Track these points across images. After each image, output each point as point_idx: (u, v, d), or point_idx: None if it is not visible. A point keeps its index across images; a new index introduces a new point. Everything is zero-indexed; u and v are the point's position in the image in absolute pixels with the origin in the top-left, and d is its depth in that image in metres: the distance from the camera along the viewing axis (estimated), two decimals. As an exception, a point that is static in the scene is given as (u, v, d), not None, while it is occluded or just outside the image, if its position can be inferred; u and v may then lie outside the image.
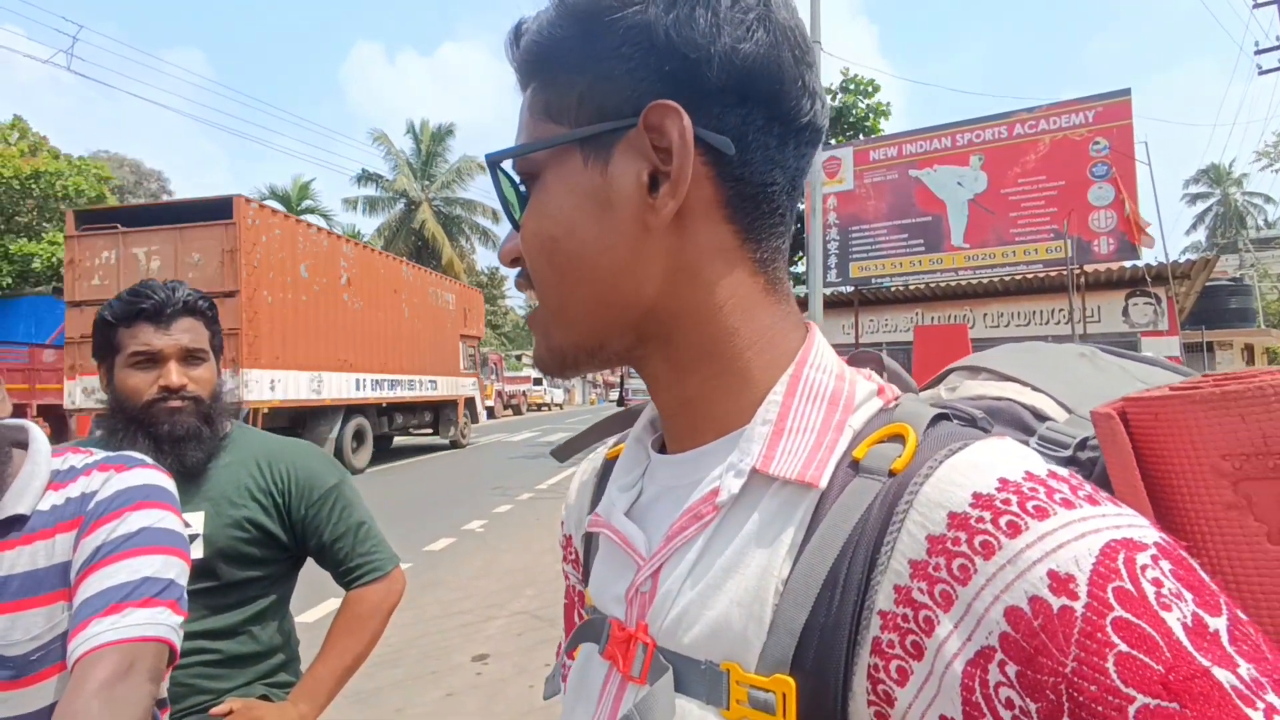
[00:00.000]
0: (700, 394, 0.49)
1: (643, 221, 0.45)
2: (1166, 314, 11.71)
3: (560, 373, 0.52)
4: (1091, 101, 11.98)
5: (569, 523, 0.69)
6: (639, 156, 0.45)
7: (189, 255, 9.91)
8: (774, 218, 0.48)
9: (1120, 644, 0.31)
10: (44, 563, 0.94)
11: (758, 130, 0.45)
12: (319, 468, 1.51)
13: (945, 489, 0.38)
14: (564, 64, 0.47)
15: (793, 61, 0.45)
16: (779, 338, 0.49)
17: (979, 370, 0.66)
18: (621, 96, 0.45)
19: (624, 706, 0.48)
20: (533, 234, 0.48)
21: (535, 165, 0.48)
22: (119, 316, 1.34)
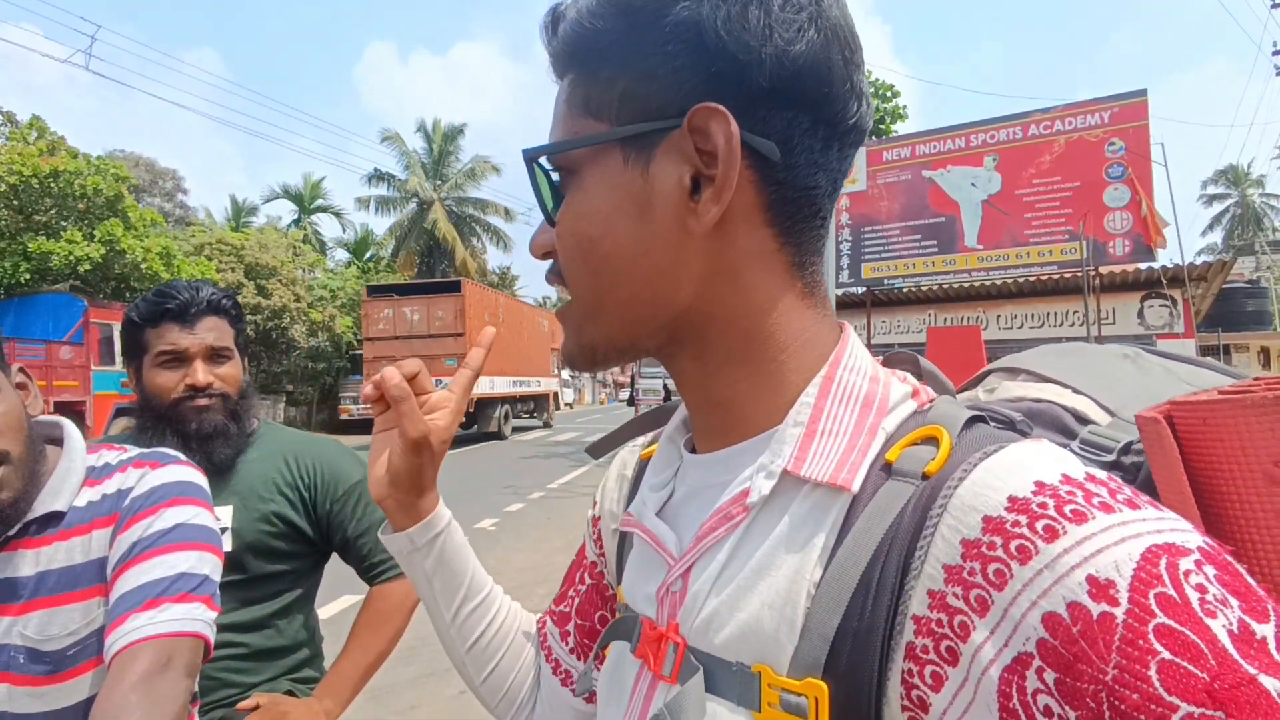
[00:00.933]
0: (731, 395, 0.49)
1: (683, 225, 0.45)
2: (1182, 316, 11.60)
3: (590, 368, 0.52)
4: (1107, 102, 11.88)
5: (602, 511, 0.69)
6: (682, 159, 0.44)
7: (436, 312, 17.37)
8: (815, 220, 0.47)
9: (1163, 651, 0.30)
10: (80, 559, 0.95)
11: (803, 133, 0.44)
12: (344, 464, 1.52)
13: (980, 492, 0.37)
14: (606, 58, 0.45)
15: (842, 63, 0.44)
16: (813, 340, 0.48)
17: (1018, 371, 0.65)
18: (666, 96, 0.44)
19: (655, 705, 0.49)
20: (569, 232, 0.48)
21: (573, 162, 0.47)
22: (145, 317, 1.36)
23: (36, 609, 0.92)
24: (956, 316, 13.08)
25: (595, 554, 0.71)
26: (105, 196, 14.56)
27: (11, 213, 13.94)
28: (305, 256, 22.88)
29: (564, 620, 0.72)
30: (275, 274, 19.81)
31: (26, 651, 0.91)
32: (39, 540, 0.95)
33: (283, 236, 23.42)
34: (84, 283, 14.46)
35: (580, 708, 0.70)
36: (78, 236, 14.11)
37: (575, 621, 0.71)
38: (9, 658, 0.91)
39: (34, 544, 0.94)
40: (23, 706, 0.91)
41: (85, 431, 8.77)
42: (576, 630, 0.71)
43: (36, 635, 0.91)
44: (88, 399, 12.65)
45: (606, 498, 0.69)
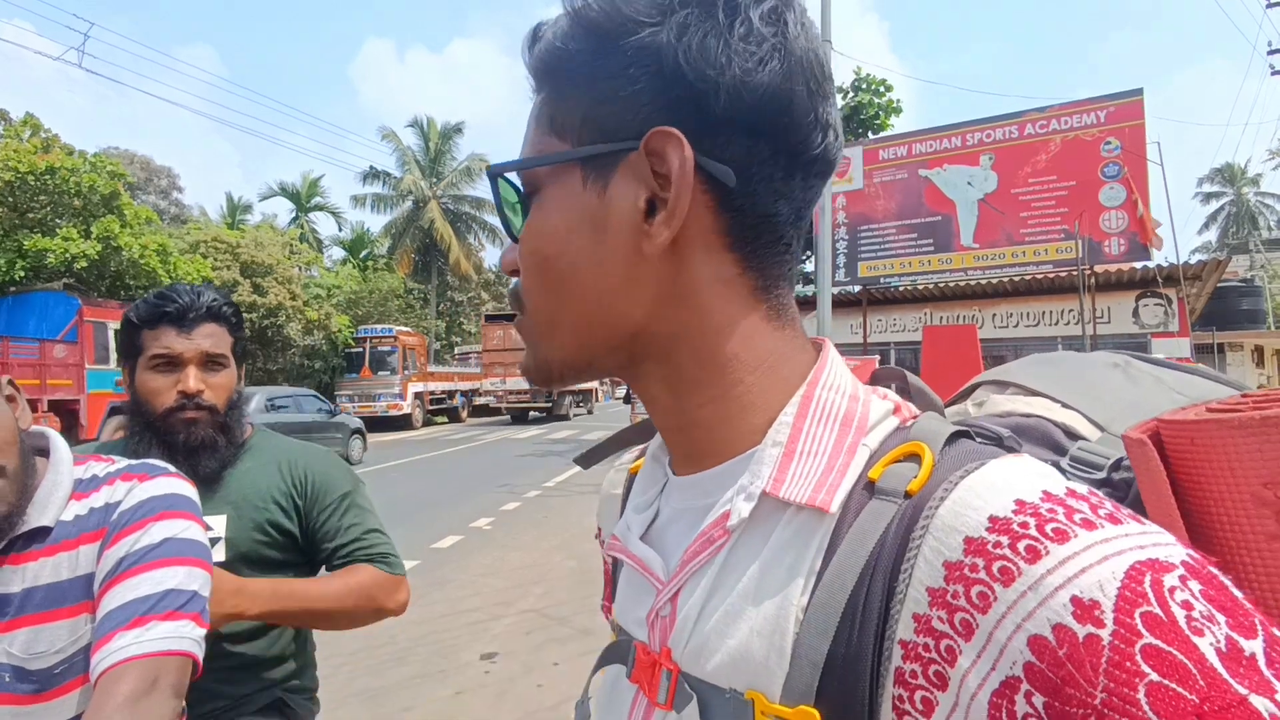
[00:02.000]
0: (698, 418, 0.49)
1: (636, 246, 0.44)
2: (1177, 315, 11.64)
3: (546, 384, 0.52)
4: (1103, 101, 11.92)
5: (604, 528, 0.69)
6: (638, 181, 0.44)
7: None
8: (777, 247, 0.47)
9: (1151, 673, 0.30)
10: (67, 574, 0.93)
11: (763, 162, 0.44)
12: (336, 474, 1.51)
13: (960, 512, 0.37)
14: (572, 78, 0.46)
15: (806, 95, 0.44)
16: (782, 362, 0.48)
17: (1006, 384, 0.65)
18: (625, 118, 0.44)
19: None
20: (529, 248, 0.48)
21: (537, 180, 0.48)
22: (143, 318, 1.34)
23: (22, 626, 0.90)
24: (952, 315, 13.11)
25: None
26: (101, 194, 14.50)
27: (6, 210, 13.89)
28: (302, 255, 22.83)
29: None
30: (271, 272, 19.76)
31: (12, 670, 0.89)
32: (25, 556, 0.93)
33: (279, 234, 23.35)
34: (80, 280, 14.40)
35: None
36: (74, 234, 14.05)
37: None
38: None
39: (20, 560, 0.92)
40: None
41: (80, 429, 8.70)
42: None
43: (22, 653, 0.90)
44: (82, 398, 12.61)
45: (604, 518, 0.68)
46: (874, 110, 19.40)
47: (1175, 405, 0.52)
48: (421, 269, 32.09)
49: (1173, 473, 0.43)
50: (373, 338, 22.56)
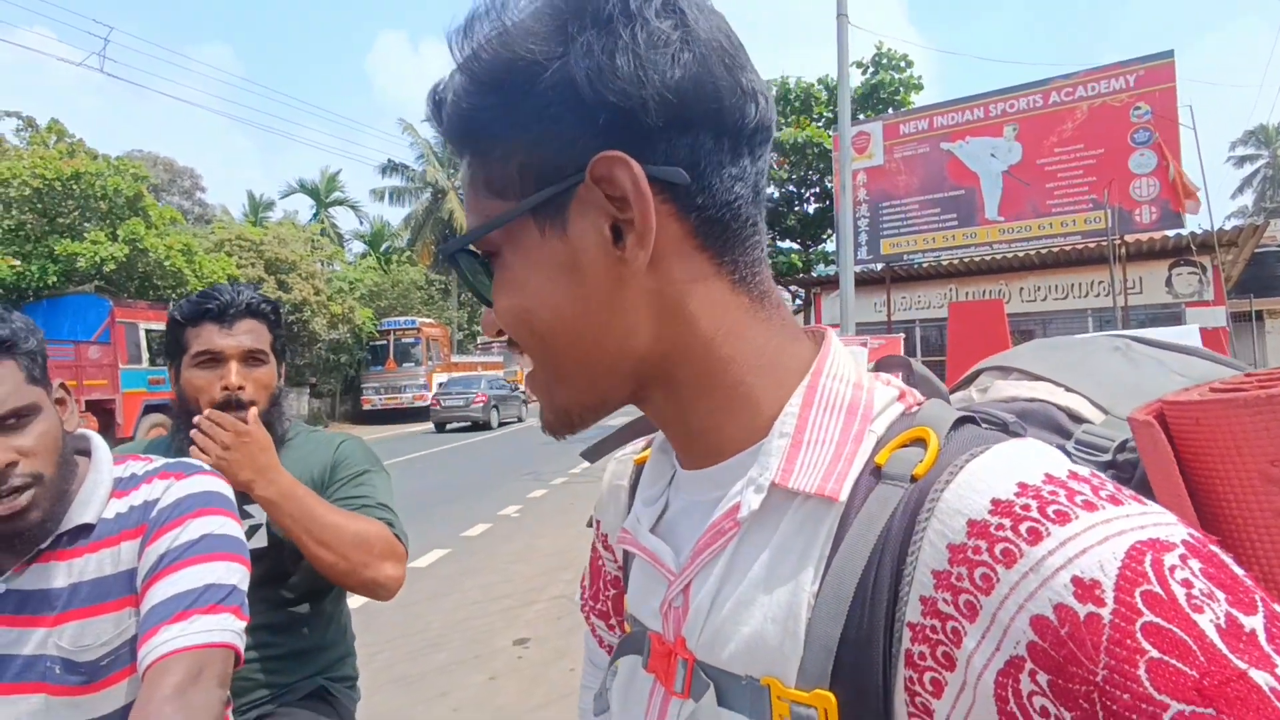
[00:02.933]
0: (708, 424, 0.49)
1: (615, 275, 0.44)
2: (1212, 283, 11.36)
3: (569, 431, 0.51)
4: (1132, 65, 11.60)
5: (604, 520, 0.70)
6: (596, 211, 0.43)
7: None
8: (745, 230, 0.47)
9: (1151, 650, 0.30)
10: (110, 570, 0.97)
11: (708, 152, 0.43)
12: (358, 456, 1.53)
13: (964, 496, 0.37)
14: (492, 136, 0.45)
15: (725, 71, 0.43)
16: (780, 354, 0.48)
17: (1010, 370, 0.65)
18: (563, 157, 0.43)
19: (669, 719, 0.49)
20: (506, 310, 0.47)
21: (493, 244, 0.47)
22: (186, 316, 1.38)
23: (70, 620, 0.94)
24: (978, 290, 12.92)
25: (615, 569, 0.71)
26: (126, 196, 14.77)
27: (36, 216, 14.20)
28: (324, 250, 23.08)
29: (606, 616, 0.74)
30: (295, 268, 20.02)
31: (62, 662, 0.93)
32: (70, 552, 0.97)
33: (301, 231, 23.64)
34: (109, 282, 14.70)
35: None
36: (101, 237, 14.33)
37: (615, 618, 0.73)
38: (45, 668, 0.93)
39: (65, 556, 0.96)
40: (60, 716, 0.93)
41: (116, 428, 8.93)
42: (620, 625, 0.72)
43: (71, 646, 0.93)
44: (117, 397, 12.90)
45: (604, 510, 0.69)
46: (894, 86, 19.07)
47: (1178, 387, 0.52)
48: (442, 261, 32.24)
49: (1178, 453, 0.43)
50: (396, 330, 22.82)
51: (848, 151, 10.15)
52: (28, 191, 13.72)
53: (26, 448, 0.92)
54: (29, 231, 14.10)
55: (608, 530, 0.69)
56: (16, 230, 13.98)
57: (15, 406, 0.91)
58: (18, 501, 0.91)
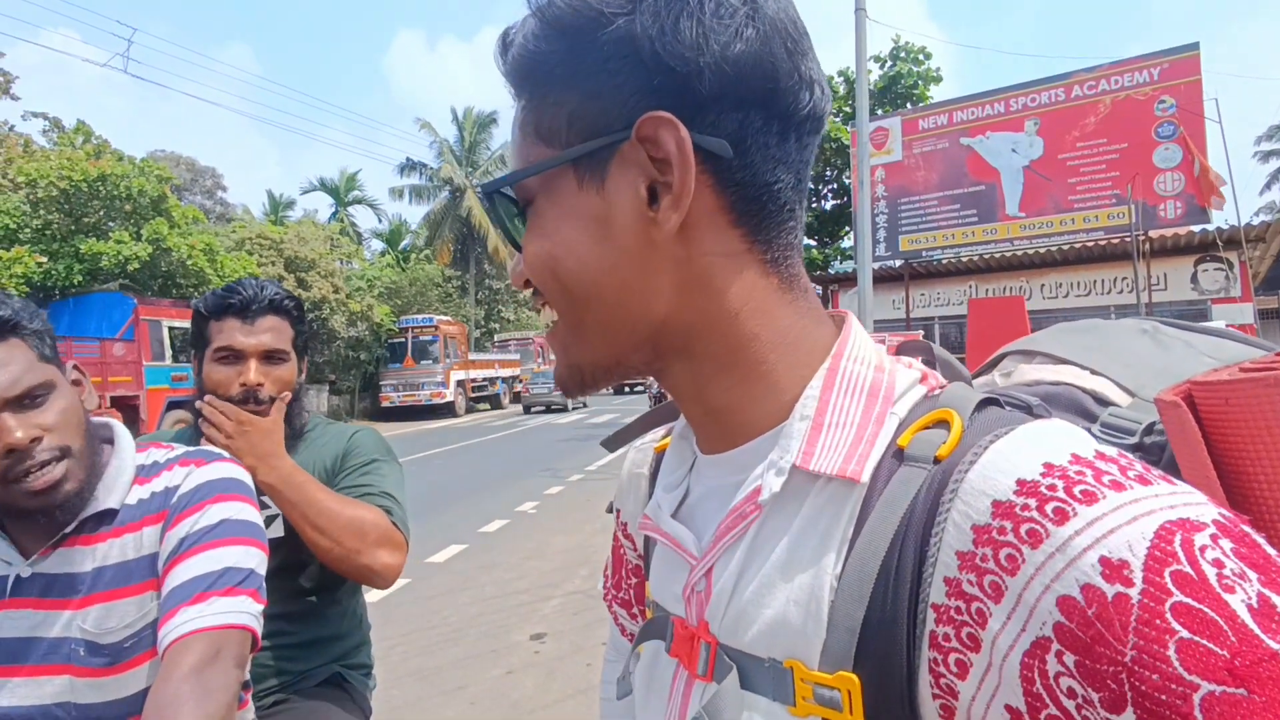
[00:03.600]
0: (725, 403, 0.49)
1: (646, 236, 0.44)
2: (1239, 279, 11.15)
3: (580, 390, 0.51)
4: (1156, 58, 11.40)
5: (624, 509, 0.70)
6: (636, 170, 0.44)
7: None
8: (782, 215, 0.46)
9: (1181, 630, 0.30)
10: (133, 554, 0.99)
11: (756, 131, 0.44)
12: (369, 445, 1.54)
13: (988, 476, 0.37)
14: (550, 81, 0.45)
15: (786, 55, 0.44)
16: (802, 336, 0.48)
17: (1034, 354, 0.64)
18: (612, 112, 0.43)
19: (692, 704, 0.49)
20: (534, 255, 0.47)
21: (531, 190, 0.47)
22: (210, 310, 1.40)
23: (94, 603, 0.96)
24: (999, 287, 12.78)
25: (635, 558, 0.71)
26: (150, 197, 14.97)
27: (63, 216, 14.43)
28: (343, 248, 23.28)
29: (629, 604, 0.74)
30: (314, 266, 20.21)
31: (86, 644, 0.95)
32: (94, 537, 0.99)
33: (320, 229, 23.84)
34: (133, 281, 14.93)
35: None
36: (125, 237, 14.54)
37: (637, 607, 0.73)
38: (70, 650, 0.95)
39: (90, 541, 0.99)
40: (84, 697, 0.95)
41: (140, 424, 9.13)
42: (642, 613, 0.72)
43: (95, 629, 0.95)
44: (141, 393, 13.11)
45: (624, 498, 0.69)
46: (912, 80, 18.90)
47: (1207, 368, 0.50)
48: (460, 258, 32.46)
49: (1207, 434, 0.43)
50: (414, 327, 22.96)
51: (865, 147, 10.06)
52: (55, 192, 13.95)
53: (49, 423, 0.94)
54: (56, 231, 14.34)
55: (628, 518, 0.70)
56: (44, 230, 14.23)
57: (30, 384, 0.93)
58: (52, 473, 0.93)
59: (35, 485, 0.92)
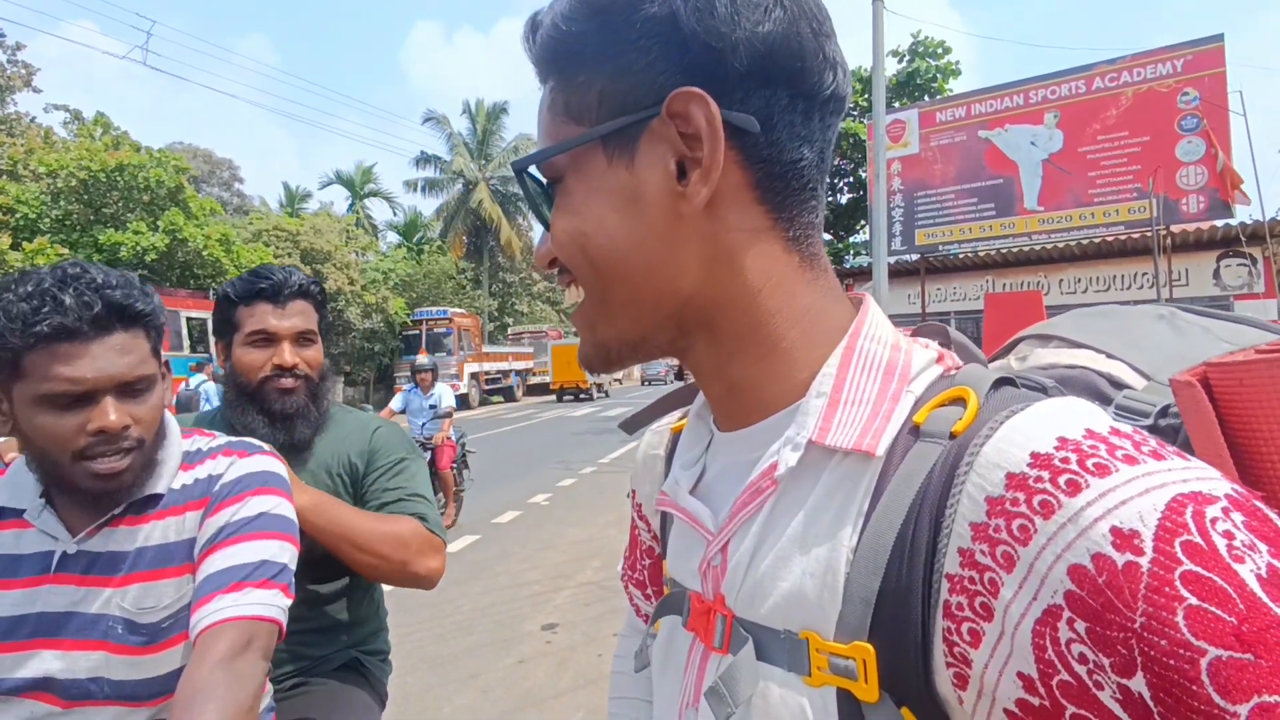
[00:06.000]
0: (746, 379, 0.49)
1: (674, 211, 0.45)
2: (1262, 275, 10.97)
3: (605, 368, 0.52)
4: (1180, 49, 11.20)
5: (639, 490, 0.71)
6: (665, 146, 0.45)
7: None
8: (804, 193, 0.48)
9: (1190, 597, 0.30)
10: (174, 537, 1.02)
11: (783, 109, 0.45)
12: (395, 443, 1.56)
13: (1003, 449, 0.38)
14: (582, 60, 0.47)
15: (811, 35, 0.45)
16: (822, 314, 0.49)
17: (1050, 338, 0.64)
18: (643, 89, 0.45)
19: (708, 675, 0.50)
20: (562, 232, 0.48)
21: (559, 168, 0.48)
22: (240, 295, 1.42)
23: (135, 583, 0.99)
24: (1016, 282, 12.65)
25: (650, 539, 0.72)
26: (167, 188, 15.13)
27: (82, 206, 14.61)
28: (358, 240, 23.40)
29: (643, 585, 0.76)
30: (330, 258, 20.34)
31: (124, 622, 0.97)
32: (139, 519, 1.02)
33: (336, 221, 23.97)
34: (150, 271, 15.07)
35: None
36: (143, 227, 14.71)
37: (651, 588, 0.75)
38: (108, 627, 0.97)
39: (134, 522, 1.01)
40: (119, 674, 0.97)
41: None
42: (656, 594, 0.74)
43: (134, 608, 0.98)
44: (160, 383, 13.24)
45: (640, 480, 0.70)
46: (931, 74, 18.70)
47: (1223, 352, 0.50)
48: (473, 250, 32.55)
49: (1221, 415, 0.43)
50: (428, 319, 23.06)
51: (882, 140, 9.97)
52: (74, 183, 14.13)
53: (140, 415, 0.98)
54: (75, 221, 14.52)
55: (643, 500, 0.71)
56: (63, 220, 14.41)
57: (142, 374, 0.97)
58: (121, 463, 0.96)
59: (102, 469, 0.94)
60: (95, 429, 0.92)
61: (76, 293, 0.92)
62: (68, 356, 0.90)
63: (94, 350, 0.92)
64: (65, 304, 0.90)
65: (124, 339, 0.95)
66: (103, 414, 0.93)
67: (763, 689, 0.44)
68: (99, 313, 0.92)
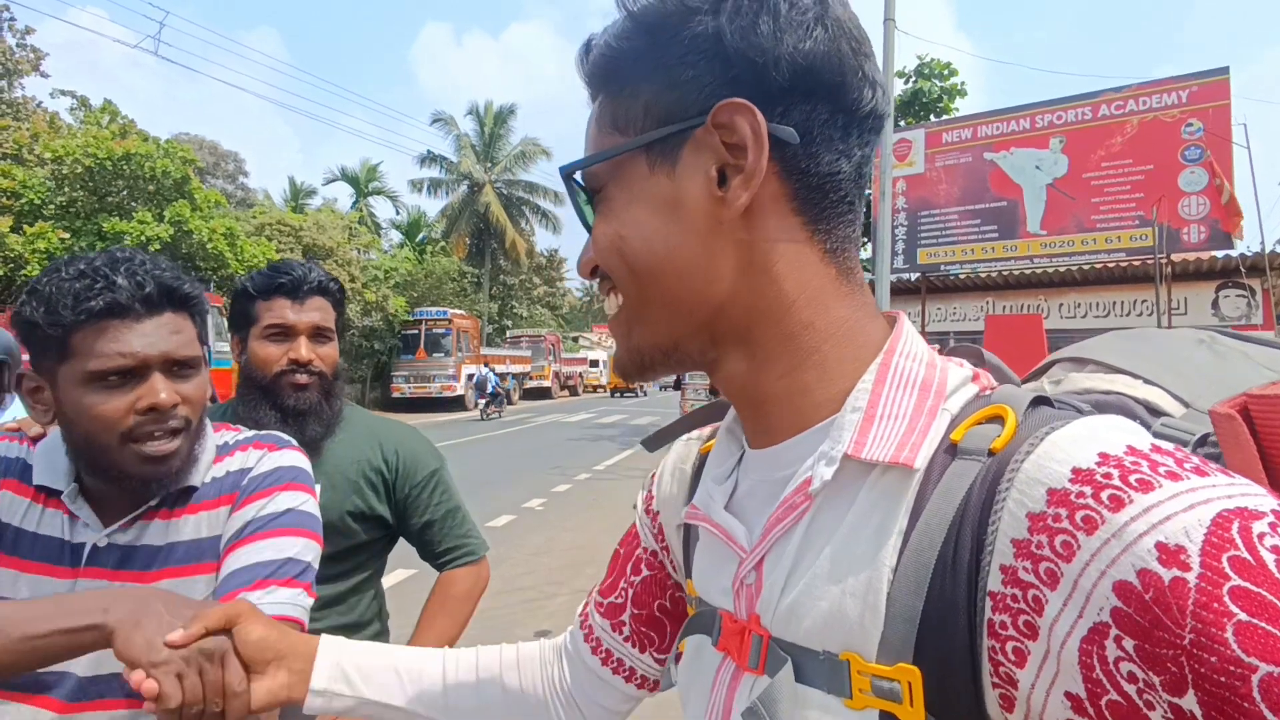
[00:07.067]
0: (777, 391, 0.49)
1: (714, 217, 0.46)
2: (1261, 307, 11.01)
3: (640, 374, 0.53)
4: (1185, 80, 11.28)
5: (661, 504, 0.69)
6: (708, 154, 0.46)
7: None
8: (842, 206, 0.48)
9: (1239, 613, 0.30)
10: (207, 533, 1.01)
11: (822, 124, 0.46)
12: (424, 451, 1.57)
13: (1044, 465, 0.37)
14: (630, 75, 0.49)
15: (851, 53, 0.47)
16: (857, 329, 0.49)
17: (1085, 361, 0.63)
18: (687, 101, 0.46)
19: (739, 696, 0.49)
20: (603, 236, 0.50)
21: (602, 176, 0.50)
22: (259, 289, 1.42)
23: (165, 578, 0.97)
24: (1017, 304, 12.67)
25: (655, 545, 0.70)
26: (173, 178, 15.10)
27: (87, 194, 14.57)
28: (361, 237, 23.38)
29: (616, 612, 0.72)
30: (332, 255, 20.30)
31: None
32: (173, 513, 1.00)
33: (339, 218, 23.95)
34: (154, 262, 15.01)
35: (632, 693, 0.71)
36: (148, 217, 14.66)
37: (631, 612, 0.71)
38: None
39: (169, 516, 1.00)
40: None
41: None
42: (633, 620, 0.71)
43: None
44: (157, 373, 13.18)
45: (664, 489, 0.69)
46: (936, 94, 18.79)
47: (1264, 380, 0.51)
48: (475, 253, 32.54)
49: (1262, 447, 0.43)
50: (428, 320, 23.04)
51: (888, 158, 10.02)
52: (80, 170, 14.09)
53: (188, 394, 0.97)
54: (80, 208, 14.47)
55: (661, 507, 0.69)
56: (67, 206, 14.37)
57: (189, 355, 0.97)
58: (172, 444, 0.95)
59: (155, 450, 0.93)
60: (146, 405, 0.92)
61: (129, 272, 0.93)
62: (118, 333, 0.91)
63: (144, 328, 0.93)
64: (117, 283, 0.91)
65: (174, 319, 0.96)
66: (153, 390, 0.92)
67: (802, 711, 0.43)
68: (150, 292, 0.93)
